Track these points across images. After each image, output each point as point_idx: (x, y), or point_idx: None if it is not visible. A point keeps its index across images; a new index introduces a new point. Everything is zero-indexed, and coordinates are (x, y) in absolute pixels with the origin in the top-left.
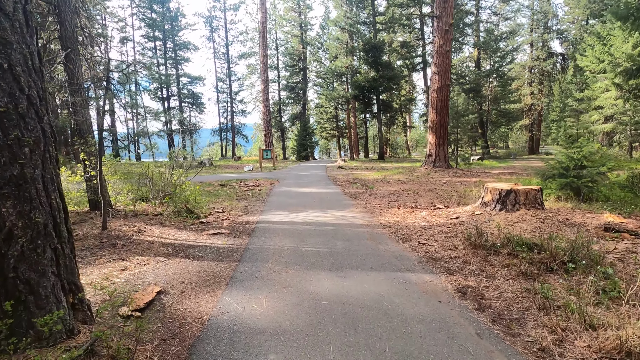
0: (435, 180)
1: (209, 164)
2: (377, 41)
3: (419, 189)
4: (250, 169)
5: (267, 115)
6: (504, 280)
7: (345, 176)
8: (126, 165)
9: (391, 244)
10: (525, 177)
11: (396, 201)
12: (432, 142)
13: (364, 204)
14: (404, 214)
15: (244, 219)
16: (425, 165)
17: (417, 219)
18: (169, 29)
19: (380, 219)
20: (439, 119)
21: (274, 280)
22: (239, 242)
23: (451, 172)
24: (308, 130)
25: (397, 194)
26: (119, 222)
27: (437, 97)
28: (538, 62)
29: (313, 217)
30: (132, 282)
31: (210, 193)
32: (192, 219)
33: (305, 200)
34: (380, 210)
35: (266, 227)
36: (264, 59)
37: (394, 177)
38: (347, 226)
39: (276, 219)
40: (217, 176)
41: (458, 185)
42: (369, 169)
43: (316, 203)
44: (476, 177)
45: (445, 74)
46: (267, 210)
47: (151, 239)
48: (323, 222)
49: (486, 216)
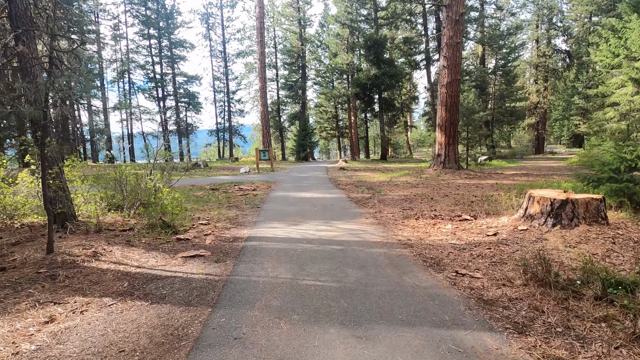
0: (447, 183)
1: (204, 166)
2: (379, 37)
3: (432, 194)
4: (246, 171)
5: (265, 115)
6: (608, 346)
7: (348, 178)
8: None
9: (420, 274)
10: (542, 178)
11: (410, 209)
12: (442, 141)
13: (374, 212)
14: (425, 227)
15: (232, 234)
16: (434, 166)
17: (443, 234)
18: (164, 27)
19: (397, 233)
20: (449, 116)
21: (261, 346)
22: (220, 270)
23: (462, 174)
24: (307, 130)
25: (410, 200)
26: (75, 240)
27: (446, 92)
28: (544, 58)
29: (315, 232)
30: (45, 353)
31: (199, 199)
32: (168, 235)
33: (305, 208)
34: (394, 221)
35: (257, 246)
36: (261, 55)
37: (401, 179)
38: (358, 245)
39: (270, 233)
40: (211, 179)
41: (474, 189)
42: (373, 170)
43: (318, 212)
44: (491, 179)
45: (455, 68)
46: (261, 222)
47: (106, 267)
48: (328, 239)
49: (535, 233)
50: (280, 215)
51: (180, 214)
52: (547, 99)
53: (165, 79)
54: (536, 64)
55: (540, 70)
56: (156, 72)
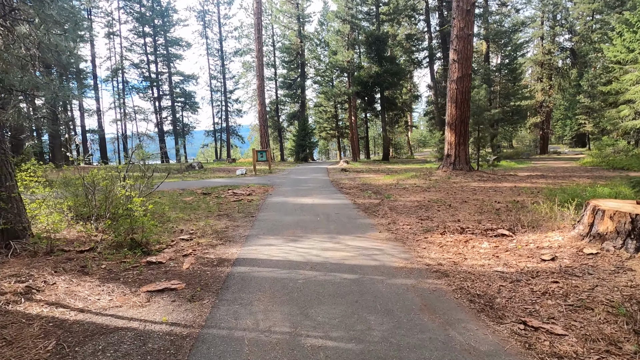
0: (460, 186)
1: (199, 167)
2: (381, 33)
3: (448, 199)
4: (242, 173)
5: (263, 114)
6: None
7: (352, 181)
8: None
9: (471, 325)
10: (562, 180)
11: (429, 219)
12: (451, 140)
13: (387, 223)
14: (456, 245)
15: (218, 254)
16: (443, 168)
17: (482, 256)
18: (159, 25)
19: (422, 254)
20: (459, 113)
21: None
22: (193, 315)
23: (474, 176)
24: (307, 130)
25: (425, 207)
26: (14, 267)
27: (456, 88)
28: (549, 56)
29: (320, 251)
30: None
31: (187, 206)
32: (137, 257)
33: (306, 217)
34: (414, 235)
35: (246, 273)
36: (259, 53)
37: (408, 181)
38: (376, 272)
39: (264, 253)
40: (204, 182)
41: (493, 194)
42: (376, 171)
43: (321, 222)
44: (506, 182)
45: (466, 62)
46: (254, 236)
47: (38, 312)
48: (336, 263)
49: (612, 260)
50: (277, 227)
51: (158, 228)
52: (553, 97)
53: (161, 78)
54: (541, 62)
55: (545, 67)
56: (151, 71)
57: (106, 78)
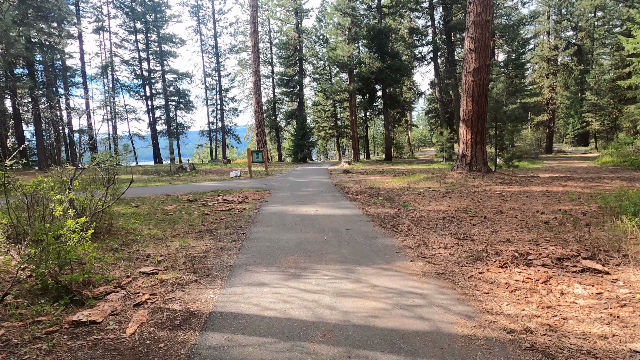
0: (483, 190)
1: (191, 169)
2: (383, 27)
3: (478, 208)
4: (237, 175)
5: (259, 112)
6: None
7: (357, 184)
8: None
9: None
10: (591, 182)
11: (467, 237)
12: (467, 138)
13: (417, 245)
14: (533, 288)
15: (185, 302)
16: (457, 169)
17: (585, 312)
18: (151, 21)
19: (490, 306)
20: (476, 109)
21: None
22: None
23: (494, 178)
24: (305, 129)
25: (455, 219)
26: None
27: (473, 81)
28: (556, 52)
29: (334, 299)
30: None
31: (165, 218)
32: (60, 310)
33: (310, 235)
34: (460, 267)
35: (222, 351)
36: (254, 47)
37: (421, 185)
38: (430, 351)
39: (253, 303)
40: (193, 186)
41: (526, 201)
42: (381, 173)
43: (331, 244)
44: (533, 185)
45: (484, 51)
46: (241, 268)
47: None
48: (363, 327)
49: None
50: (273, 251)
51: (109, 259)
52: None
53: (154, 76)
54: (547, 58)
55: (552, 64)
56: (143, 68)
57: (94, 75)
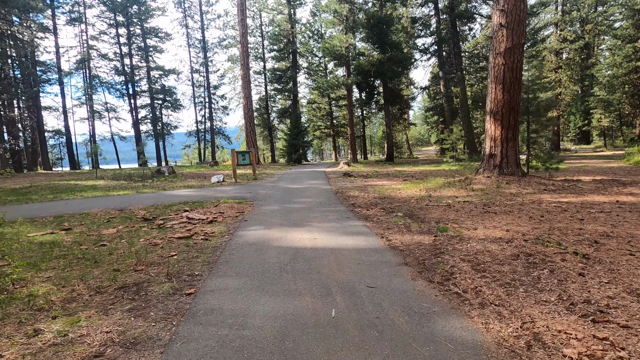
0: (530, 201)
1: (169, 173)
2: (384, 15)
3: (552, 233)
4: (219, 180)
5: (248, 109)
6: None
7: (363, 191)
8: None
9: None
10: None
11: (599, 310)
12: (496, 135)
13: (515, 338)
14: None
15: None
16: (484, 172)
17: None
18: (134, 13)
19: None
20: (508, 98)
21: None
22: None
23: (534, 184)
24: (300, 127)
25: (539, 261)
26: None
27: (504, 64)
28: (565, 44)
29: None
30: None
31: (90, 251)
32: None
33: (303, 304)
34: None
35: None
36: (242, 37)
37: (444, 192)
38: None
39: None
40: (162, 195)
41: (602, 217)
42: (386, 176)
43: (346, 334)
44: (594, 194)
45: (518, 27)
46: None
47: None
48: None
49: None
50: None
51: None
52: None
53: (138, 72)
54: (556, 50)
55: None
56: (126, 64)
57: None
